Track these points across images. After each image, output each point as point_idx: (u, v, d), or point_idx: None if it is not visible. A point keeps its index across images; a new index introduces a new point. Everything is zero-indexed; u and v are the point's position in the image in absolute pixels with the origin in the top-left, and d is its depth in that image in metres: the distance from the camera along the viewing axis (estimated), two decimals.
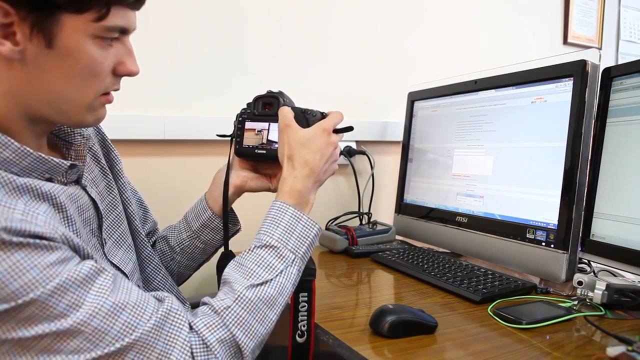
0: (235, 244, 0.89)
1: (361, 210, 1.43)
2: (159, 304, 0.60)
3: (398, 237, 1.38)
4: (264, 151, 0.87)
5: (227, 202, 0.87)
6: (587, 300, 0.85)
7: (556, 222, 0.95)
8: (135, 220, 0.82)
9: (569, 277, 0.92)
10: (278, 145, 0.79)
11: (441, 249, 1.24)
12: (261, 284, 0.65)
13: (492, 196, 1.11)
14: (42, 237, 0.52)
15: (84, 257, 0.57)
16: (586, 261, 1.00)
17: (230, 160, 0.89)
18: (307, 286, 0.75)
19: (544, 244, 0.97)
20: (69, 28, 0.54)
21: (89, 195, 0.69)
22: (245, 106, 0.90)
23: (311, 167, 0.74)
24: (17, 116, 0.58)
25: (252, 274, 0.66)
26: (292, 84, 1.33)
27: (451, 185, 1.23)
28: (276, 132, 0.81)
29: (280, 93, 0.86)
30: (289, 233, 0.70)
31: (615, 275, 1.01)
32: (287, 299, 0.68)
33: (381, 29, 1.52)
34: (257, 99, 0.87)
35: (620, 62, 1.68)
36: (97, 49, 0.57)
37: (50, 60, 0.55)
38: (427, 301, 0.89)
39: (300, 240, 0.70)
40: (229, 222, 0.88)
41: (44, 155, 0.58)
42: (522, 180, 1.04)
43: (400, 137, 1.43)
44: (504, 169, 1.09)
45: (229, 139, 0.90)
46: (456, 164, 1.22)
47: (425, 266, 1.05)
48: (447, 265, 1.05)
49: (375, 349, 0.69)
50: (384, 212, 1.53)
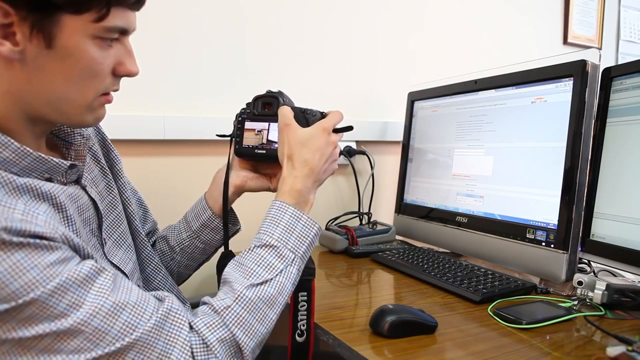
0: (235, 243, 0.89)
1: (361, 210, 1.43)
2: (159, 303, 0.60)
3: (398, 237, 1.38)
4: (264, 151, 0.87)
5: (227, 202, 0.87)
6: (587, 300, 0.85)
7: (556, 222, 0.95)
8: (135, 220, 0.83)
9: (569, 277, 0.92)
10: (278, 145, 0.79)
11: (441, 249, 1.24)
12: (261, 283, 0.65)
13: (492, 196, 1.11)
14: (42, 237, 0.52)
15: (84, 257, 0.57)
16: (586, 261, 1.00)
17: (230, 160, 0.89)
18: (307, 286, 0.75)
19: (544, 244, 0.97)
20: (69, 28, 0.54)
21: (89, 195, 0.69)
22: (245, 106, 0.90)
23: (311, 167, 0.74)
24: (17, 116, 0.58)
25: (252, 273, 0.66)
26: (292, 84, 1.33)
27: (451, 185, 1.23)
28: (276, 132, 0.81)
29: (280, 93, 0.86)
30: (288, 232, 0.70)
31: (615, 275, 1.01)
32: (287, 299, 0.68)
33: (381, 29, 1.52)
34: (257, 98, 0.87)
35: (620, 62, 1.68)
36: (97, 49, 0.57)
37: (50, 61, 0.55)
38: (427, 301, 0.89)
39: (300, 239, 0.70)
40: (228, 222, 0.88)
41: (43, 155, 0.59)
42: (522, 180, 1.04)
43: (400, 137, 1.43)
44: (504, 169, 1.09)
45: (229, 139, 0.90)
46: (456, 164, 1.22)
47: (425, 266, 1.05)
48: (447, 265, 1.05)
49: (375, 349, 0.69)
50: (384, 212, 1.53)
